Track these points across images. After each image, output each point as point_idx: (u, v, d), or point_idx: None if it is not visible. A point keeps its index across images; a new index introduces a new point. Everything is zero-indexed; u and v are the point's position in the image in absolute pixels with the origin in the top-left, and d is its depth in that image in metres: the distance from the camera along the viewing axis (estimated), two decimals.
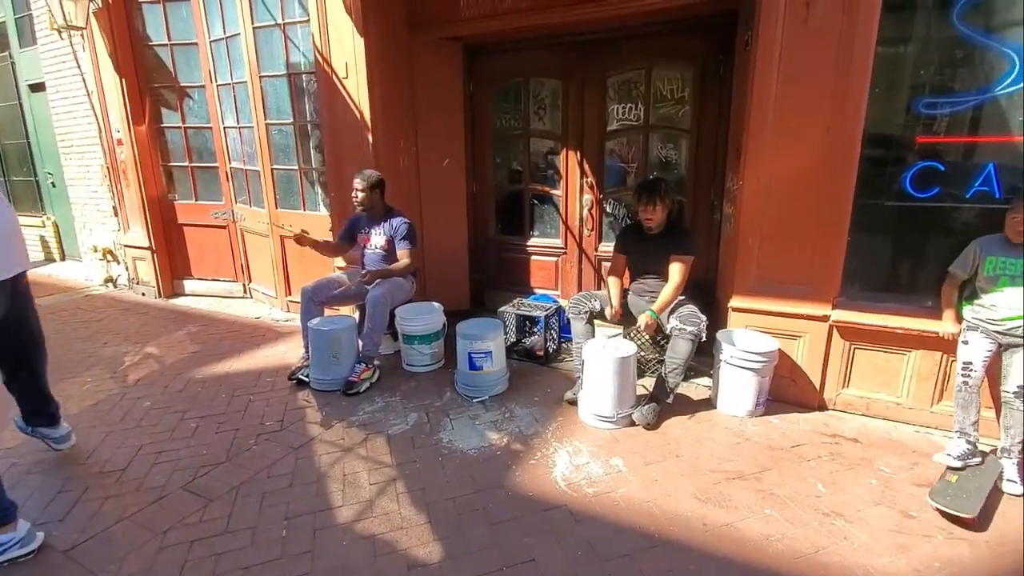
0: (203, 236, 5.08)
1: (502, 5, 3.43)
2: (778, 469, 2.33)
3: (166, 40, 4.68)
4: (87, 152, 5.46)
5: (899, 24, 2.47)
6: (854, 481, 2.25)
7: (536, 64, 3.97)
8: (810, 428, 2.67)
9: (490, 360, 3.02)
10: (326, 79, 3.75)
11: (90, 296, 5.29)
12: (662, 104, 3.66)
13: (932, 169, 2.48)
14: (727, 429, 2.67)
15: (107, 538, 1.98)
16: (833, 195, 2.59)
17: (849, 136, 2.51)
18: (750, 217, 2.79)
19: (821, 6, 2.42)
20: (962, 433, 2.27)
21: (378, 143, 3.73)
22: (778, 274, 2.78)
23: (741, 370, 2.70)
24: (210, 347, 3.85)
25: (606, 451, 2.49)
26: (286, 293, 4.54)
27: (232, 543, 1.95)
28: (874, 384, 2.72)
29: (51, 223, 6.51)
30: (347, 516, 2.08)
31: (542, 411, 2.87)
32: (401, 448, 2.54)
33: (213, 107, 4.71)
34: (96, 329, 4.28)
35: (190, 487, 2.27)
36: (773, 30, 2.53)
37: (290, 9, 3.88)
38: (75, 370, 3.48)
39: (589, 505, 2.12)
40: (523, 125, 4.16)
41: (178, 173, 5.05)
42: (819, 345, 2.76)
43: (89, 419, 2.85)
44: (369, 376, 3.16)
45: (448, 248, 4.31)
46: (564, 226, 4.11)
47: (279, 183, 4.35)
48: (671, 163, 3.75)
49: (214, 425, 2.77)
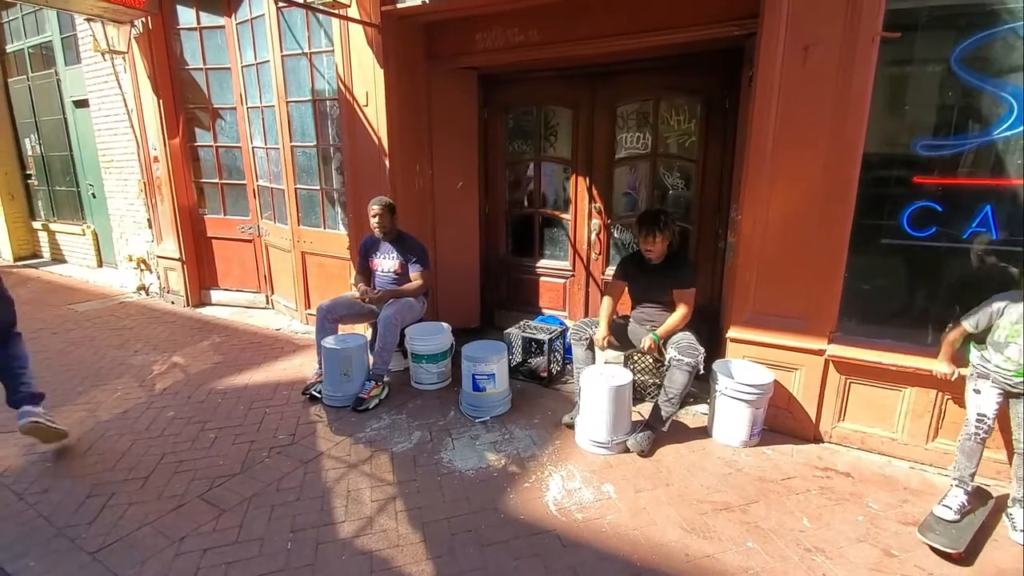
0: (230, 249, 5.34)
1: (515, 39, 3.57)
2: (766, 501, 2.39)
3: (201, 64, 4.95)
4: (126, 167, 5.79)
5: (897, 66, 2.52)
6: (841, 517, 2.29)
7: (548, 93, 4.10)
8: (803, 461, 2.70)
9: (493, 382, 3.13)
10: (348, 106, 3.94)
11: (124, 303, 5.59)
12: (670, 134, 3.75)
13: (929, 209, 2.51)
14: (720, 459, 2.72)
15: (130, 542, 2.15)
16: (830, 231, 2.64)
17: (846, 174, 2.56)
18: (748, 250, 2.85)
19: (819, 51, 2.49)
20: (960, 482, 2.25)
21: (395, 166, 3.90)
22: (775, 307, 2.84)
23: (736, 401, 2.76)
24: (232, 358, 4.06)
25: (599, 477, 2.58)
26: (305, 306, 4.74)
27: (241, 553, 2.10)
28: (869, 419, 2.75)
29: (90, 232, 6.88)
30: (348, 531, 2.22)
31: (541, 434, 2.97)
32: (403, 466, 2.67)
33: (243, 128, 4.96)
34: (128, 337, 4.54)
35: (206, 497, 2.44)
36: (772, 72, 2.61)
37: (316, 40, 4.09)
38: (107, 378, 3.72)
39: (577, 531, 2.21)
40: (535, 150, 4.30)
41: (209, 189, 5.32)
42: (815, 378, 2.80)
43: (119, 427, 3.06)
44: (378, 393, 3.30)
45: (460, 267, 4.45)
46: (573, 249, 4.21)
47: (302, 201, 4.56)
48: (678, 191, 3.83)
49: (231, 437, 2.95)
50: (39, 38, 6.67)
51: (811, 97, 2.55)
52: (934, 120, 2.50)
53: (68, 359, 4.06)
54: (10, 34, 7.06)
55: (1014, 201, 2.36)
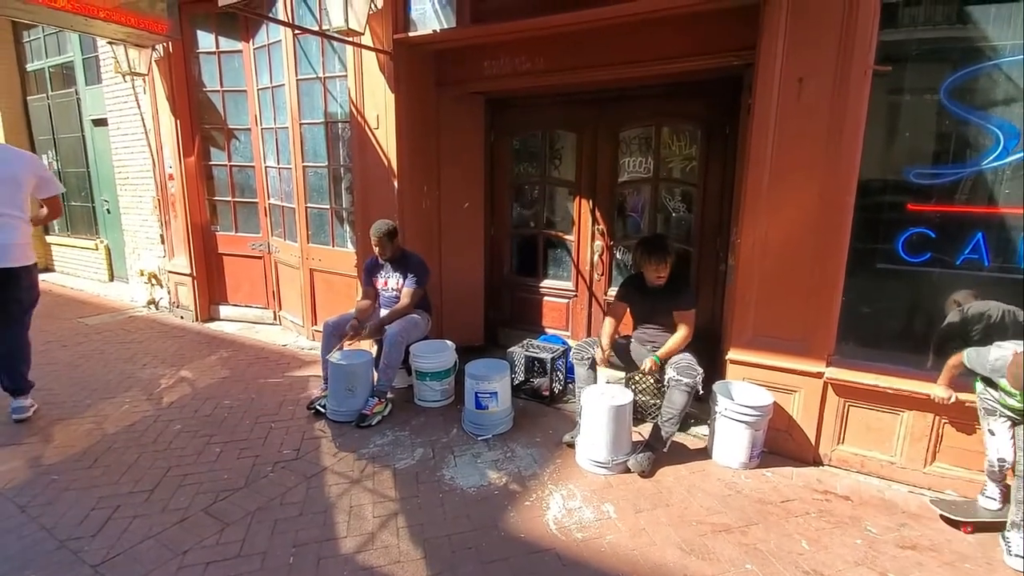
0: (240, 265, 5.43)
1: (522, 67, 3.69)
2: (765, 524, 2.40)
3: (219, 87, 5.12)
4: (140, 184, 5.94)
5: (890, 98, 2.60)
6: (839, 540, 2.29)
7: (553, 118, 4.22)
8: (803, 483, 2.72)
9: (495, 400, 3.17)
10: (359, 128, 4.06)
11: (134, 317, 5.67)
12: (671, 158, 3.84)
13: (924, 235, 2.57)
14: (720, 480, 2.74)
15: (133, 556, 2.18)
16: (826, 256, 2.69)
17: (842, 201, 2.63)
18: (747, 273, 2.90)
19: (813, 84, 2.57)
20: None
21: (403, 187, 4.00)
22: (774, 329, 2.88)
23: (736, 423, 2.78)
24: (239, 372, 4.12)
25: (599, 496, 2.59)
26: (312, 323, 4.81)
27: (243, 567, 2.12)
28: (868, 442, 2.76)
29: (103, 246, 7.01)
30: (350, 547, 2.24)
31: (542, 452, 2.99)
32: (405, 483, 2.70)
33: (257, 148, 5.10)
34: (136, 351, 4.61)
35: (210, 510, 2.47)
36: (768, 101, 2.69)
37: (331, 65, 4.24)
38: (115, 391, 3.77)
39: (577, 550, 2.23)
40: (540, 173, 4.39)
41: (221, 206, 5.44)
42: (814, 401, 2.82)
43: (125, 440, 3.10)
44: (381, 410, 3.34)
45: (465, 286, 4.52)
46: (576, 270, 4.28)
47: (312, 220, 4.66)
48: (679, 214, 3.91)
49: (236, 451, 2.99)
50: (61, 58, 6.89)
51: (806, 126, 2.64)
52: (927, 149, 2.58)
53: (77, 372, 4.13)
54: (31, 53, 7.30)
55: (1004, 228, 2.41)
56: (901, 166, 2.62)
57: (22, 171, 3.23)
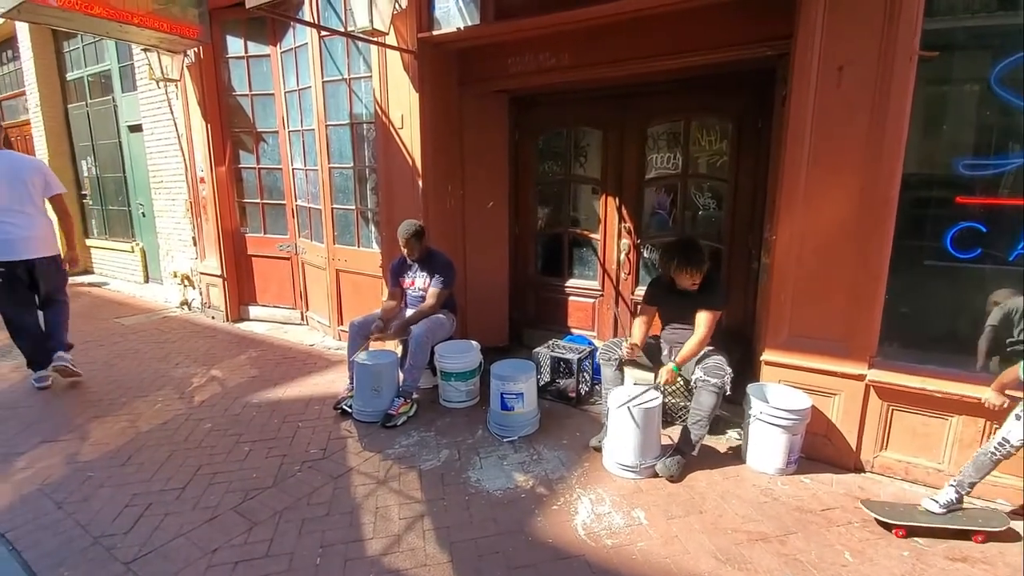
0: (268, 266, 5.51)
1: (546, 63, 3.64)
2: (804, 533, 2.29)
3: (247, 91, 5.20)
4: (174, 187, 6.08)
5: (937, 85, 2.47)
6: (885, 552, 2.18)
7: (578, 115, 4.15)
8: (843, 491, 2.59)
9: (521, 401, 3.12)
10: (383, 128, 4.07)
11: (167, 317, 5.81)
12: (700, 154, 3.74)
13: (974, 230, 2.43)
14: (755, 486, 2.64)
15: (164, 553, 2.21)
16: (869, 253, 2.57)
17: (884, 195, 2.50)
18: (783, 272, 2.79)
19: (854, 72, 2.46)
20: (959, 486, 2.25)
21: (427, 187, 3.98)
22: (811, 330, 2.76)
23: (771, 427, 2.68)
24: (267, 372, 4.17)
25: (629, 502, 2.53)
26: (338, 323, 4.85)
27: (271, 567, 2.12)
28: (913, 448, 2.62)
29: (139, 249, 7.21)
30: (376, 549, 2.23)
31: (569, 455, 2.93)
32: (431, 484, 2.68)
33: (284, 151, 5.16)
34: (169, 350, 4.71)
35: (239, 509, 2.49)
36: (806, 92, 2.58)
37: (356, 66, 4.26)
38: (148, 389, 3.86)
39: (607, 557, 2.16)
40: (565, 171, 4.33)
41: (250, 209, 5.53)
42: (855, 404, 2.70)
43: (158, 437, 3.16)
44: (407, 410, 3.33)
45: (489, 286, 4.49)
46: (602, 269, 4.21)
47: (338, 221, 4.69)
48: (709, 211, 3.80)
49: (265, 450, 3.01)
50: (98, 67, 7.11)
51: (846, 117, 2.52)
52: (975, 140, 2.44)
53: (113, 371, 4.23)
54: (71, 63, 7.56)
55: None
56: (948, 157, 2.49)
57: (27, 173, 3.68)
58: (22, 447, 3.05)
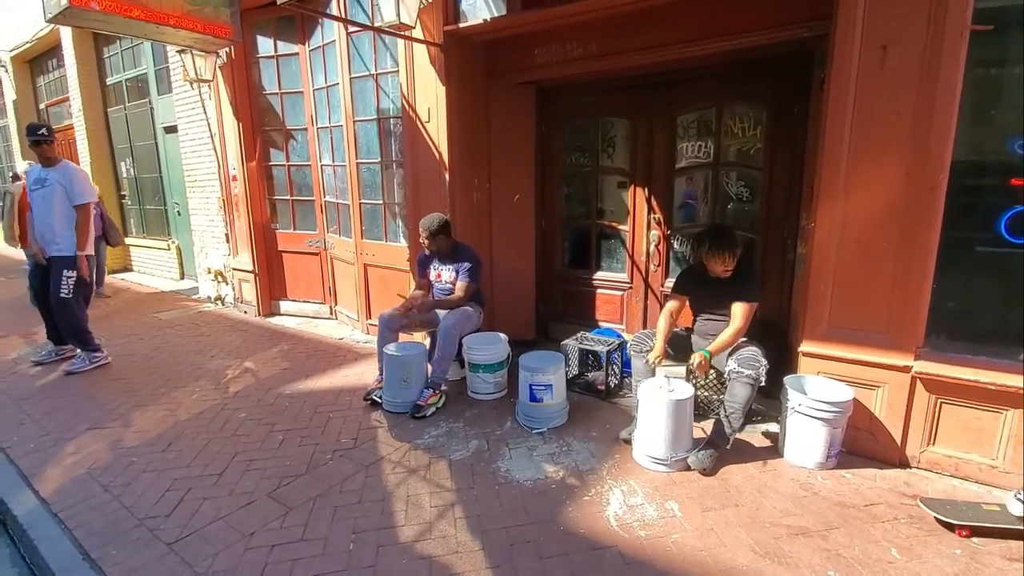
0: (298, 262, 5.60)
1: (574, 52, 3.60)
2: (847, 528, 2.21)
3: (277, 89, 5.29)
4: (207, 186, 6.23)
5: (988, 62, 2.34)
6: (935, 549, 2.08)
7: (606, 105, 4.09)
8: (888, 487, 2.50)
9: (550, 393, 3.10)
10: (410, 123, 4.08)
11: (202, 312, 5.97)
12: (733, 142, 3.64)
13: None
14: (793, 480, 2.56)
15: (204, 536, 2.26)
16: (915, 240, 2.46)
17: (932, 180, 2.39)
18: (822, 260, 2.70)
19: (899, 50, 2.35)
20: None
21: (454, 180, 3.99)
22: (853, 320, 2.66)
23: (811, 419, 2.59)
24: (298, 364, 4.23)
25: (662, 494, 2.48)
26: (367, 316, 4.90)
27: (306, 551, 2.15)
28: (964, 443, 2.51)
29: (175, 247, 7.43)
30: (408, 535, 2.23)
31: (599, 447, 2.90)
32: (461, 474, 2.68)
33: (313, 147, 5.24)
34: (205, 343, 4.83)
35: (274, 495, 2.53)
36: (847, 74, 2.49)
37: (382, 61, 4.29)
38: (186, 381, 3.96)
39: (640, 548, 2.13)
40: (592, 163, 4.28)
41: (280, 205, 5.63)
42: (900, 397, 2.59)
43: (196, 426, 3.24)
44: (436, 401, 3.34)
45: (516, 280, 4.47)
46: (630, 261, 4.14)
47: (365, 215, 4.74)
48: (741, 201, 3.70)
49: (297, 439, 3.05)
50: (136, 71, 7.35)
51: (891, 98, 2.41)
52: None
53: (152, 363, 4.36)
54: (110, 68, 7.82)
55: None
56: (1001, 139, 2.36)
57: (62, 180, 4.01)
58: (69, 433, 3.16)
